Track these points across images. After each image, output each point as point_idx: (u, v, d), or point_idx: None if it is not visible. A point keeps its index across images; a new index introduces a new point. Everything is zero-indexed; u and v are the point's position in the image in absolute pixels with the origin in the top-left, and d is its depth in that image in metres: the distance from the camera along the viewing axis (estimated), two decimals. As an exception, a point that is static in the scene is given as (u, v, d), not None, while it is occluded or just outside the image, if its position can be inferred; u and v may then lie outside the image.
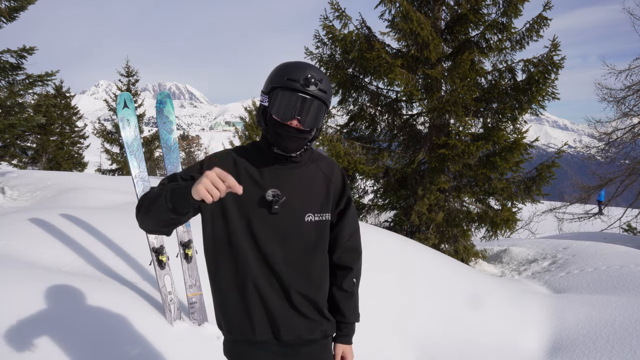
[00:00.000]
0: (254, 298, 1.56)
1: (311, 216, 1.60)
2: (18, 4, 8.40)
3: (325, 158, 1.72)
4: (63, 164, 21.00)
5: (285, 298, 1.57)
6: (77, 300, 2.88)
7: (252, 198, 1.56)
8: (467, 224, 8.33)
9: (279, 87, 1.51)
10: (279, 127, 1.52)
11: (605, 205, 15.76)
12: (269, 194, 1.55)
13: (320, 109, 1.52)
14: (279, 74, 1.52)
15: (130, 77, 21.67)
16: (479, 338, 4.24)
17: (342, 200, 1.70)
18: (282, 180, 1.58)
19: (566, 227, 14.73)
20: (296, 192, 1.59)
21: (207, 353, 3.00)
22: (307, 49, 8.50)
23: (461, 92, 7.29)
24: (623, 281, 5.34)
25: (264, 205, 1.56)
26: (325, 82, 1.52)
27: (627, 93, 12.95)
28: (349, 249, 1.72)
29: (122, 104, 3.45)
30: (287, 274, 1.57)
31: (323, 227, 1.63)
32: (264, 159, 1.60)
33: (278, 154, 1.57)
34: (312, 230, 1.60)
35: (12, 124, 8.20)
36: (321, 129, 1.67)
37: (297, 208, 1.58)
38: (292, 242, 1.58)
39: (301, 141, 1.55)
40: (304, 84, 1.48)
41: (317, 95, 1.49)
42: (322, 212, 1.62)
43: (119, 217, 4.73)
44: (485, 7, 7.89)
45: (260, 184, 1.57)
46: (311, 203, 1.61)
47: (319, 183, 1.64)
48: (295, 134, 1.52)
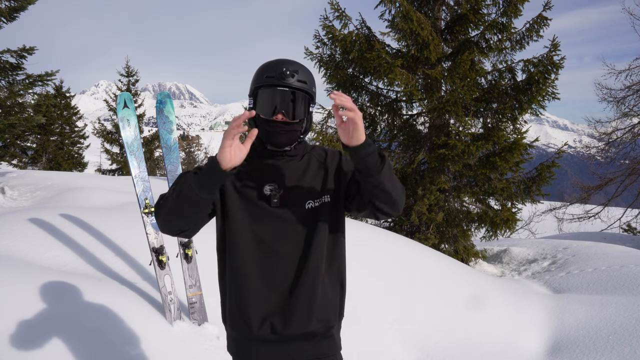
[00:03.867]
0: (253, 293, 1.57)
1: (311, 203, 1.60)
2: (18, 4, 8.41)
3: (318, 148, 1.74)
4: (63, 164, 20.99)
5: (286, 291, 1.57)
6: (77, 300, 2.88)
7: (251, 195, 1.59)
8: (467, 224, 8.33)
9: (260, 86, 1.55)
10: (267, 125, 1.55)
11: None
12: (266, 189, 1.58)
13: (303, 99, 1.55)
14: (258, 75, 1.57)
15: (130, 77, 21.66)
16: (479, 338, 4.24)
17: (341, 174, 1.65)
18: (279, 174, 1.61)
19: (566, 227, 14.72)
20: (294, 184, 1.61)
21: (207, 353, 3.00)
22: (307, 49, 8.50)
23: (461, 92, 7.28)
24: (623, 281, 5.33)
25: (263, 200, 1.58)
26: (302, 73, 1.55)
27: (627, 93, 12.95)
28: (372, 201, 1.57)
29: (122, 104, 3.45)
30: (288, 267, 1.57)
31: (323, 212, 1.62)
32: (260, 157, 1.63)
33: (272, 150, 1.60)
34: (314, 217, 1.60)
35: (12, 124, 8.20)
36: (311, 119, 1.67)
37: (296, 199, 1.60)
38: (294, 233, 1.58)
39: (291, 134, 1.57)
40: (280, 78, 1.51)
41: (295, 86, 1.52)
42: (321, 195, 1.62)
43: (119, 217, 4.73)
44: (485, 7, 7.89)
45: (258, 180, 1.60)
46: (309, 190, 1.62)
47: (314, 170, 1.65)
48: (283, 127, 1.54)
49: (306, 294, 1.57)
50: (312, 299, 1.57)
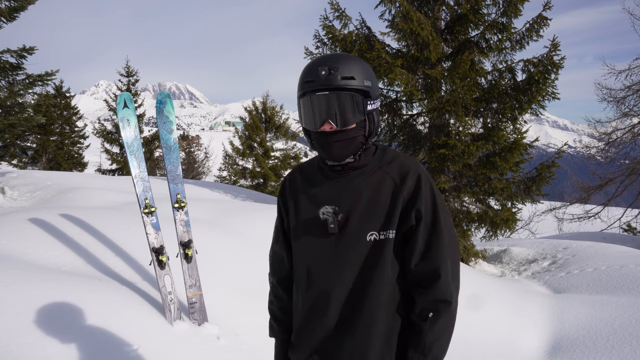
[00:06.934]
0: (303, 329, 1.46)
1: (374, 234, 1.35)
2: (18, 4, 8.40)
3: (400, 160, 1.43)
4: (63, 164, 20.99)
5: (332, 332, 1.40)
6: (77, 300, 2.88)
7: (308, 221, 1.42)
8: (467, 224, 8.33)
9: (301, 94, 1.36)
10: (317, 138, 1.36)
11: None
12: (322, 212, 1.38)
13: (352, 99, 1.31)
14: (300, 80, 1.36)
15: (130, 77, 21.67)
16: (479, 338, 4.24)
17: (410, 213, 1.35)
18: (340, 194, 1.38)
19: (566, 227, 14.72)
20: (356, 208, 1.36)
21: (207, 353, 3.00)
22: (307, 49, 8.50)
23: (461, 92, 7.29)
24: (623, 281, 5.34)
25: (319, 227, 1.39)
26: (346, 66, 1.30)
27: (627, 93, 12.96)
28: (416, 274, 1.37)
29: (122, 104, 3.45)
30: (339, 306, 1.38)
31: (387, 248, 1.35)
32: (323, 174, 1.44)
33: (333, 165, 1.40)
34: (373, 252, 1.35)
35: (12, 124, 8.20)
36: (376, 118, 1.38)
37: (357, 226, 1.35)
38: (350, 267, 1.36)
39: (347, 143, 1.34)
40: (316, 80, 1.30)
41: (336, 85, 1.29)
42: (387, 228, 1.35)
43: (119, 217, 4.73)
44: (485, 7, 7.89)
45: (315, 202, 1.41)
46: (374, 218, 1.35)
47: (385, 193, 1.36)
48: (335, 137, 1.33)
49: (353, 337, 1.37)
50: (360, 344, 1.37)
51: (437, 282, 1.34)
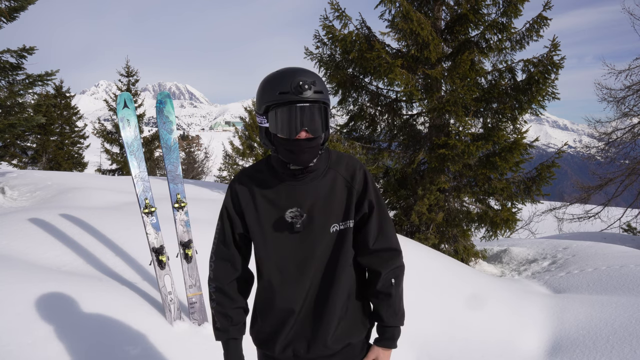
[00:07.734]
0: (279, 319, 1.58)
1: (336, 226, 1.55)
2: (18, 4, 8.41)
3: (345, 160, 1.62)
4: (63, 164, 20.99)
5: (310, 317, 1.57)
6: (77, 300, 2.88)
7: (273, 225, 1.54)
8: (467, 224, 8.33)
9: (273, 104, 1.43)
10: (290, 144, 1.45)
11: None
12: (287, 215, 1.52)
13: (323, 110, 1.46)
14: (268, 90, 1.45)
15: (130, 77, 21.67)
16: (479, 338, 4.24)
17: (363, 203, 1.59)
18: (301, 196, 1.53)
19: (566, 227, 14.72)
20: (317, 206, 1.53)
21: (207, 353, 3.00)
22: (307, 49, 8.50)
23: (461, 92, 7.29)
24: (623, 281, 5.34)
25: (286, 227, 1.53)
26: (318, 83, 1.44)
27: (627, 93, 12.96)
28: (376, 252, 1.60)
29: (122, 104, 3.45)
30: (314, 293, 1.56)
31: (348, 236, 1.57)
32: (279, 178, 1.55)
33: (294, 169, 1.51)
34: (338, 240, 1.55)
35: (12, 124, 8.20)
36: (329, 128, 1.56)
37: (320, 223, 1.53)
38: (319, 258, 1.54)
39: (315, 149, 1.48)
40: (297, 92, 1.40)
41: (314, 99, 1.42)
42: (346, 219, 1.56)
43: (119, 217, 4.73)
44: (485, 7, 7.88)
45: (278, 206, 1.53)
46: (334, 213, 1.55)
47: (339, 190, 1.56)
48: (307, 144, 1.45)
49: (330, 318, 1.55)
50: (336, 323, 1.57)
51: (394, 253, 1.62)
